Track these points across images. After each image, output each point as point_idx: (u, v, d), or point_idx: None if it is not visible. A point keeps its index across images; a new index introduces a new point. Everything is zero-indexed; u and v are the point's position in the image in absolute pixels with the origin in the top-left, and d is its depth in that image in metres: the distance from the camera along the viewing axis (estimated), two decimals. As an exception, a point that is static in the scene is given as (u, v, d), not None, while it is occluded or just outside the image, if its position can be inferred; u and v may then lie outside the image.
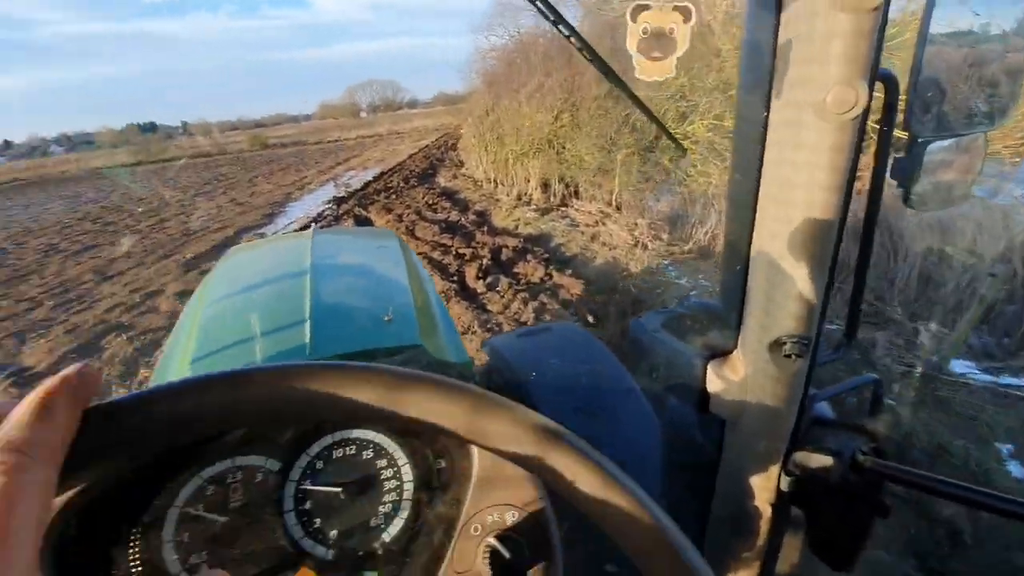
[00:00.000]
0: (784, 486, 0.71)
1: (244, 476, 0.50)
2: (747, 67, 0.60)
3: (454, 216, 7.42)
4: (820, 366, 0.69)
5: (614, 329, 3.25)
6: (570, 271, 4.68)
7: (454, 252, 5.53)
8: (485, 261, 5.05)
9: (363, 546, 0.53)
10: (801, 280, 0.56)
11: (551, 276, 4.56)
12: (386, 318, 0.95)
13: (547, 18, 0.67)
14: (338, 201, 10.21)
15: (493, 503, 0.51)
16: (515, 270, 4.83)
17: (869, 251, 0.71)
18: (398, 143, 25.41)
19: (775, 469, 0.71)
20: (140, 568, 0.47)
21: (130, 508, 0.47)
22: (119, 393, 0.35)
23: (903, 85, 0.59)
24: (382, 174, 13.65)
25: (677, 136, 6.67)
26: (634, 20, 0.52)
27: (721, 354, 0.73)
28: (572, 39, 0.70)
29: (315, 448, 0.53)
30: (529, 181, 8.06)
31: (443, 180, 11.53)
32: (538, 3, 0.64)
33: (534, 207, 7.40)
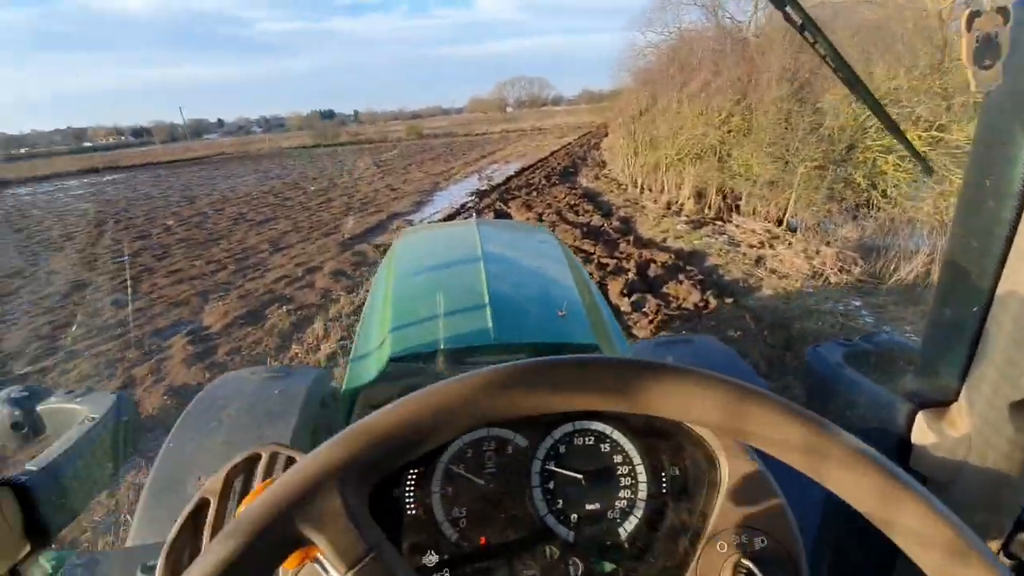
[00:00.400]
0: None
1: (497, 446, 0.55)
2: (1016, 70, 0.51)
3: (596, 221, 7.05)
4: None
5: (797, 388, 2.65)
6: (731, 299, 4.07)
7: (596, 261, 5.17)
8: (631, 276, 4.62)
9: (603, 536, 0.54)
10: None
11: (707, 303, 3.99)
12: (560, 313, 0.96)
13: (793, 24, 0.63)
14: (480, 194, 10.40)
15: (743, 524, 0.50)
16: (664, 290, 4.34)
17: None
18: (540, 139, 25.59)
19: (993, 548, 0.61)
20: (414, 512, 0.53)
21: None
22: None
23: None
24: (523, 170, 13.72)
25: (876, 149, 5.55)
26: (968, 28, 0.47)
27: (933, 404, 0.65)
28: (817, 45, 0.64)
29: (558, 432, 0.56)
30: (682, 188, 7.39)
31: (585, 180, 11.20)
32: (787, 8, 0.60)
33: (685, 218, 6.74)
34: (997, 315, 0.55)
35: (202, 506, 0.54)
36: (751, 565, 0.47)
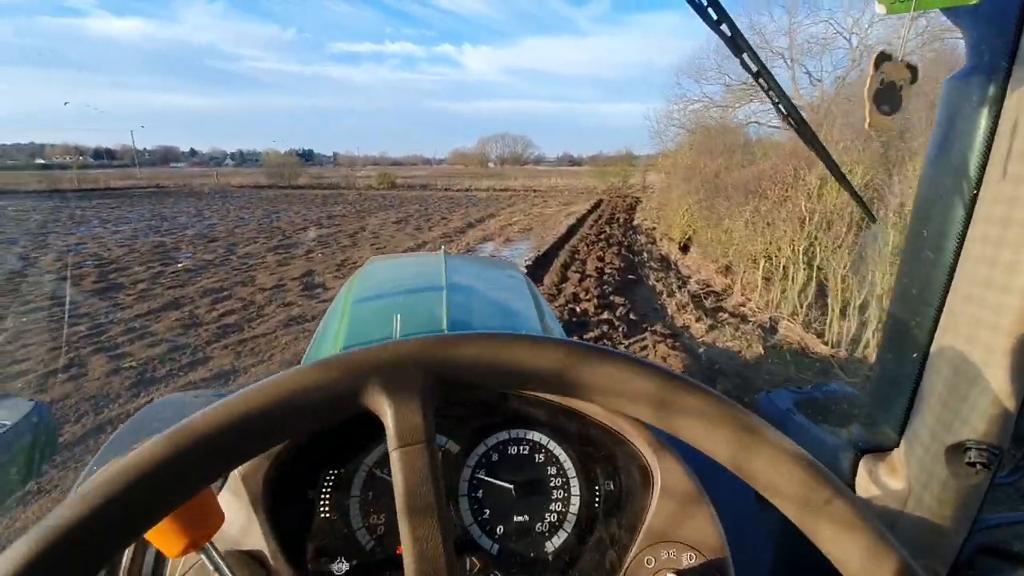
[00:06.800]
0: None
1: None
2: (948, 135, 0.54)
3: None
4: (994, 487, 0.57)
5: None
6: None
7: None
8: None
9: (528, 550, 0.53)
10: (1004, 378, 0.48)
11: None
12: None
13: (748, 71, 0.60)
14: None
15: (671, 539, 0.49)
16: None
17: None
18: (541, 205, 20.42)
19: None
20: (328, 515, 0.51)
21: (327, 457, 0.52)
22: None
23: None
24: (539, 261, 8.25)
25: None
26: (876, 68, 0.48)
27: (876, 449, 0.65)
28: (771, 92, 0.62)
29: (492, 440, 0.55)
30: None
31: (691, 318, 5.67)
32: (744, 56, 0.58)
33: None
34: (935, 363, 0.56)
35: None
36: None
